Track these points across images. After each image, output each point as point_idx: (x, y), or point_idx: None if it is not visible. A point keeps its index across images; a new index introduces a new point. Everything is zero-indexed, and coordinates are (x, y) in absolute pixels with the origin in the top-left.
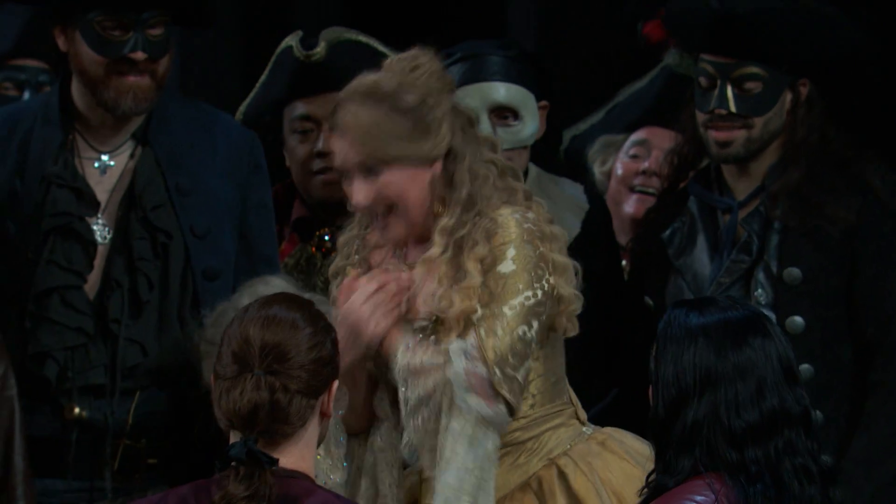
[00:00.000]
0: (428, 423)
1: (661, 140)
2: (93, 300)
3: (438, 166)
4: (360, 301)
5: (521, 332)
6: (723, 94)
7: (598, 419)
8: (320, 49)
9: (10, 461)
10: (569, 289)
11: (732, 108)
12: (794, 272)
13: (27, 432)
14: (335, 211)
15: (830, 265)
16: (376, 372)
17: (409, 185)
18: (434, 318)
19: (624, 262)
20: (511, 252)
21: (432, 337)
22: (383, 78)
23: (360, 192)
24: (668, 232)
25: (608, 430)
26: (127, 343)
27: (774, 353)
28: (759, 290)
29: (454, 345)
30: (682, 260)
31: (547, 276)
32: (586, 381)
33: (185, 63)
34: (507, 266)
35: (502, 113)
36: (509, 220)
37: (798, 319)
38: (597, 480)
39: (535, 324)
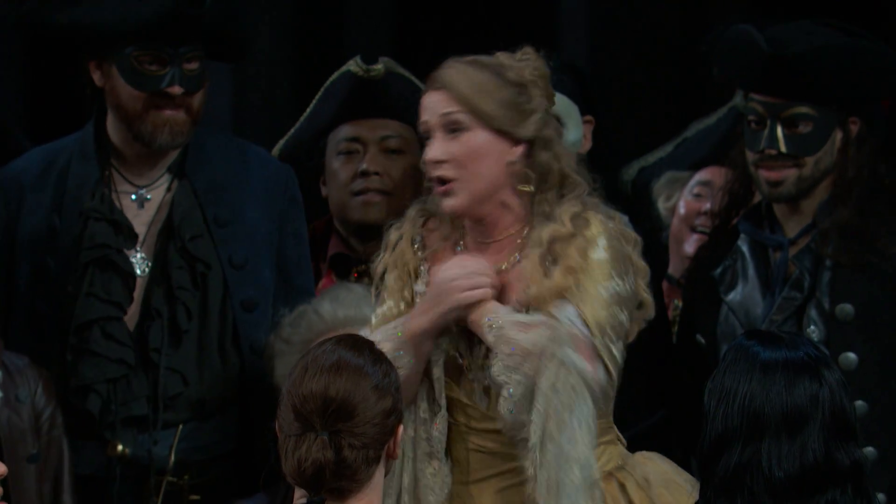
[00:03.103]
0: (530, 380)
1: None
2: (133, 331)
3: (520, 151)
4: (458, 269)
5: (615, 311)
6: (773, 134)
7: (640, 440)
8: (380, 66)
9: (60, 500)
10: (647, 295)
11: (783, 149)
12: (846, 308)
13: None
14: (370, 237)
15: (883, 301)
16: (434, 356)
17: (488, 152)
18: (526, 307)
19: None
20: (603, 241)
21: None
22: (489, 57)
23: (437, 148)
24: (718, 269)
25: (642, 452)
26: (168, 372)
27: (828, 404)
28: (812, 327)
29: (558, 307)
30: (733, 297)
31: (632, 274)
32: (629, 401)
33: (238, 96)
34: (598, 253)
35: None
36: (595, 218)
37: (851, 356)
38: (654, 494)
39: (625, 312)
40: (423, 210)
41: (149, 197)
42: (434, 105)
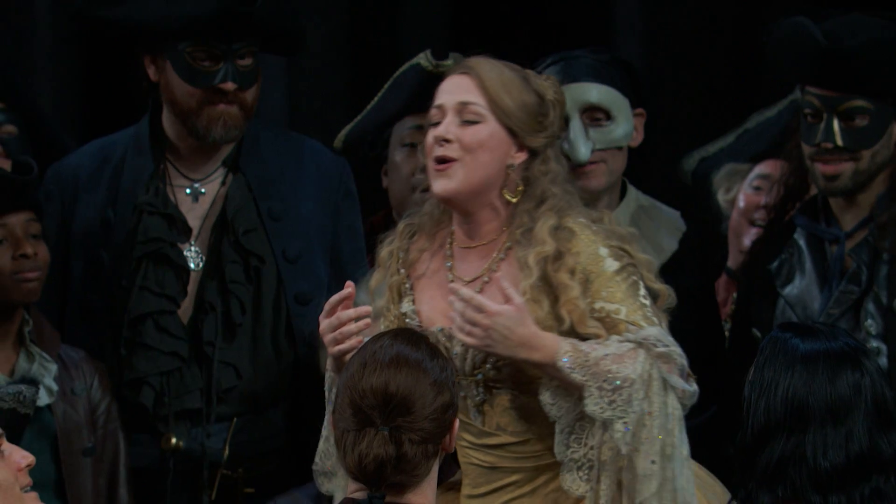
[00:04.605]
0: (644, 409)
1: None
2: (186, 325)
3: (522, 157)
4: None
5: (659, 313)
6: (829, 128)
7: (693, 434)
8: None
9: (116, 493)
10: (659, 284)
11: (839, 142)
12: None
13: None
14: None
15: None
16: None
17: (495, 146)
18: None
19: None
20: (604, 250)
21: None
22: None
23: (448, 126)
24: (775, 263)
25: None
26: (221, 366)
27: (870, 393)
28: (869, 321)
29: (642, 332)
30: (790, 291)
31: (638, 269)
32: None
33: (293, 90)
34: (610, 264)
35: (594, 114)
36: (578, 226)
37: None
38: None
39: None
40: (411, 225)
41: (203, 191)
42: (455, 88)
